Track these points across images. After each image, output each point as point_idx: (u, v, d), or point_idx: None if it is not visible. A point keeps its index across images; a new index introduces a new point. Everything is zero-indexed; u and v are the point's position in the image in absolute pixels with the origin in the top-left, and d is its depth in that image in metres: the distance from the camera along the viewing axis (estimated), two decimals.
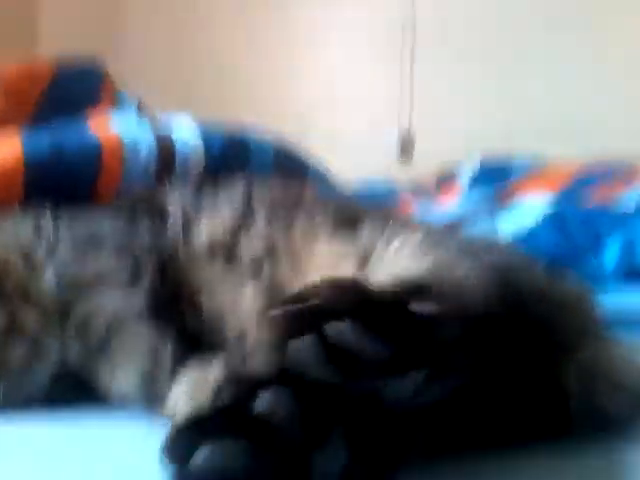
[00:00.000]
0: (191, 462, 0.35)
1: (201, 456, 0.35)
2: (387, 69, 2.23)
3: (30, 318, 0.65)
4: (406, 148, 2.21)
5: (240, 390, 0.38)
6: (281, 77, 2.37)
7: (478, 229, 1.31)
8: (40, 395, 0.65)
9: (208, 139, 1.05)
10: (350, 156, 2.07)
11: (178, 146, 1.00)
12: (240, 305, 0.74)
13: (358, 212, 0.89)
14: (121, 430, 0.61)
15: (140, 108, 1.20)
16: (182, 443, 0.36)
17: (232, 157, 1.07)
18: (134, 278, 0.73)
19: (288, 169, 1.18)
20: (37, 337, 0.65)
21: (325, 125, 2.26)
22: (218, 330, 0.72)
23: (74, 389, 0.66)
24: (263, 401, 0.37)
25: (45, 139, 0.89)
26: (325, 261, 0.77)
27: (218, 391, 0.56)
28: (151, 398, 0.63)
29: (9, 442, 0.57)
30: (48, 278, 0.69)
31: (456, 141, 2.06)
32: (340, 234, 0.81)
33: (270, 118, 2.01)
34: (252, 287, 0.75)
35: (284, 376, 0.38)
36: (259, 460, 0.35)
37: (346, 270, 0.74)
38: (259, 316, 0.72)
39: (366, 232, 0.78)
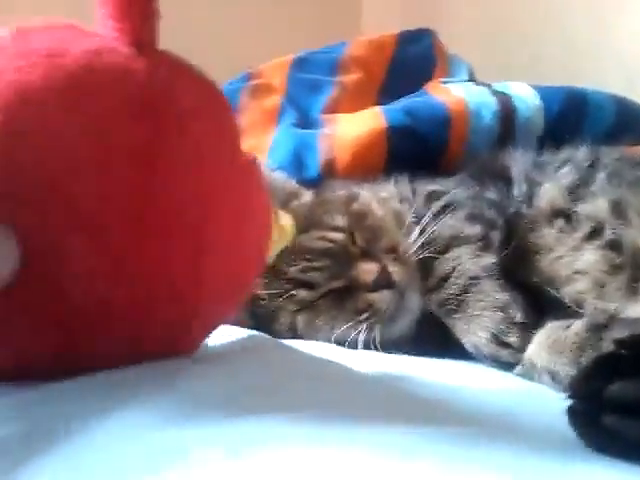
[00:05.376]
0: (606, 392, 0.44)
1: (615, 388, 0.44)
2: None
3: (398, 272, 0.73)
4: None
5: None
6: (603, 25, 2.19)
7: None
8: (405, 340, 0.73)
9: (547, 99, 1.04)
10: None
11: (519, 109, 1.01)
12: (577, 266, 0.75)
13: None
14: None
15: (471, 73, 1.23)
16: (592, 380, 0.46)
17: (570, 115, 1.05)
18: (486, 240, 0.78)
19: (629, 125, 1.12)
20: (402, 290, 0.73)
21: None
22: (554, 288, 0.74)
23: (434, 338, 0.73)
24: None
25: (400, 108, 0.97)
26: None
27: (582, 348, 0.62)
28: (501, 350, 0.68)
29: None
30: (414, 238, 0.76)
31: None
32: None
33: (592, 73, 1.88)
34: (591, 249, 0.75)
35: None
36: None
37: None
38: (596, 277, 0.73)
39: None
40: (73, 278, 0.41)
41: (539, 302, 0.73)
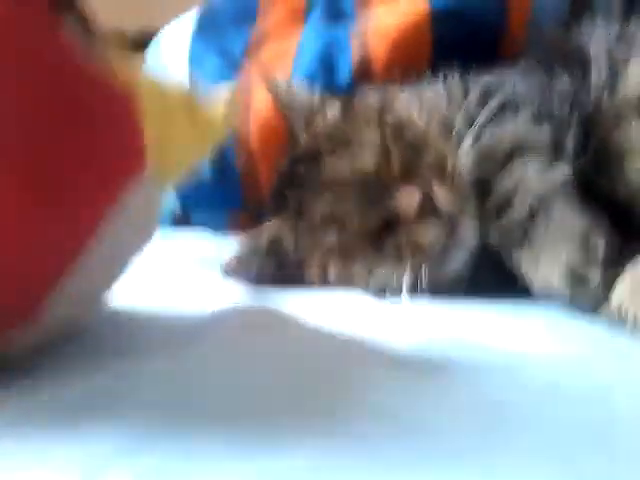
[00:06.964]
0: None
1: None
2: None
3: (446, 197, 0.59)
4: None
5: None
6: None
7: None
8: (459, 280, 0.60)
9: None
10: None
11: None
12: None
13: None
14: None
15: None
16: None
17: None
18: (556, 146, 0.62)
19: None
20: (453, 218, 0.59)
21: None
22: None
23: (493, 276, 0.59)
24: None
25: None
26: None
27: None
28: (579, 292, 0.54)
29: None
30: (466, 151, 0.61)
31: None
32: None
33: None
34: None
35: None
36: None
37: None
38: None
39: None
40: None
41: (628, 221, 0.58)
